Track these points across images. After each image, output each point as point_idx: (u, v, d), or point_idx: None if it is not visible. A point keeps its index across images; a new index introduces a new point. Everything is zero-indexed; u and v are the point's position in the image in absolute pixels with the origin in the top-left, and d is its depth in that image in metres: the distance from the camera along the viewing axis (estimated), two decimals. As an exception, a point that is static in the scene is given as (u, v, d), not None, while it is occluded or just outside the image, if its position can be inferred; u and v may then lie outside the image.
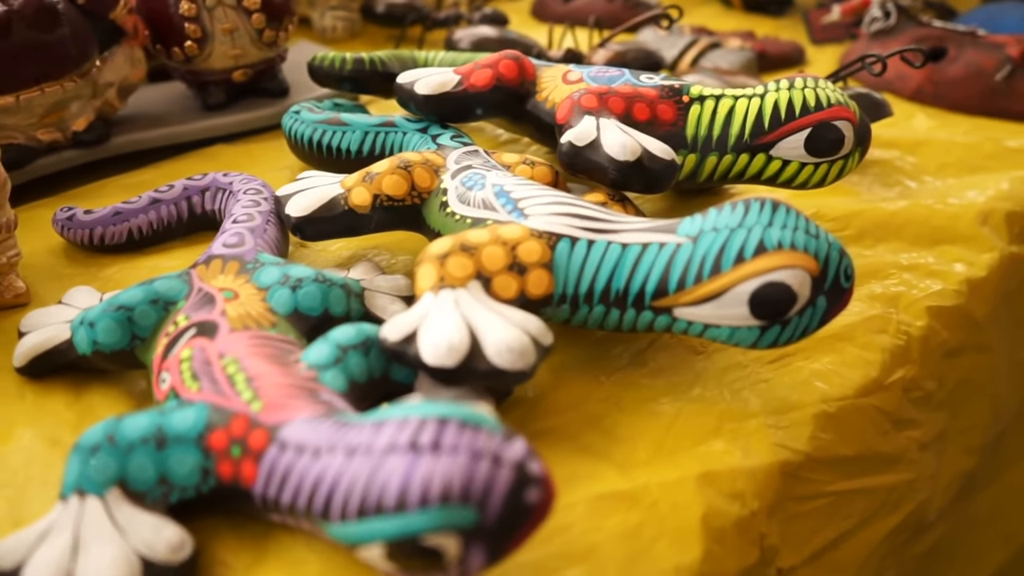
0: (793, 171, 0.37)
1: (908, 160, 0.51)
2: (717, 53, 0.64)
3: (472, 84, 0.41)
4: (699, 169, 0.38)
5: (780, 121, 0.37)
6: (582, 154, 0.34)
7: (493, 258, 0.29)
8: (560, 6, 0.75)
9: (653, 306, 0.29)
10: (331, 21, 0.73)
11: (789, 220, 0.28)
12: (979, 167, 0.51)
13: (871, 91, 0.49)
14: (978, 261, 0.42)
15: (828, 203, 0.44)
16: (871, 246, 0.42)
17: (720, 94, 0.38)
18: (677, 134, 0.38)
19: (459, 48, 0.60)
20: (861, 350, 0.34)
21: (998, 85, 0.59)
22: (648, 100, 0.38)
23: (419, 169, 0.35)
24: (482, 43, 0.60)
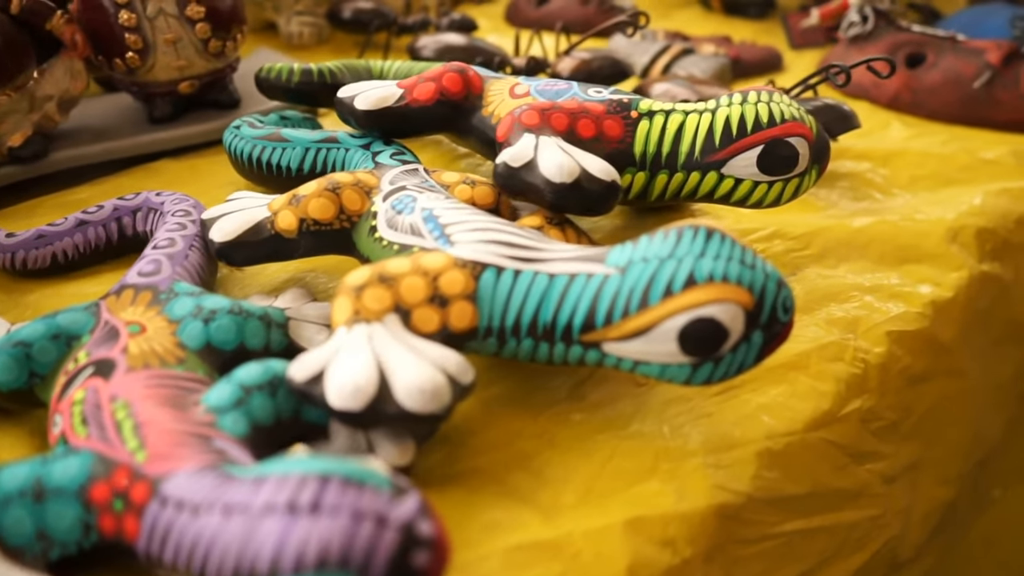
0: (746, 190, 0.36)
1: (880, 172, 0.50)
2: (690, 60, 0.63)
3: (415, 98, 0.40)
4: (649, 188, 0.37)
5: (731, 138, 0.35)
6: (517, 175, 0.33)
7: (413, 290, 0.28)
8: (533, 10, 0.74)
9: (582, 340, 0.27)
10: (297, 27, 0.71)
11: (723, 250, 0.26)
12: (953, 180, 0.49)
13: (840, 102, 0.47)
14: (945, 281, 0.40)
15: (790, 220, 0.43)
16: (833, 266, 0.40)
17: (670, 109, 0.37)
18: (625, 151, 0.36)
19: (422, 56, 0.59)
20: (814, 380, 0.33)
21: (977, 92, 0.57)
22: (594, 116, 0.36)
23: (349, 191, 0.34)
24: (446, 51, 0.59)
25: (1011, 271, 0.44)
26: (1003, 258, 0.44)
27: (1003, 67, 0.57)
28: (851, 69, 0.45)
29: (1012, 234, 0.45)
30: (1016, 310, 0.45)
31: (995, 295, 0.43)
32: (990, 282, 0.42)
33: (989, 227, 0.45)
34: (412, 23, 0.68)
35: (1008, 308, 0.44)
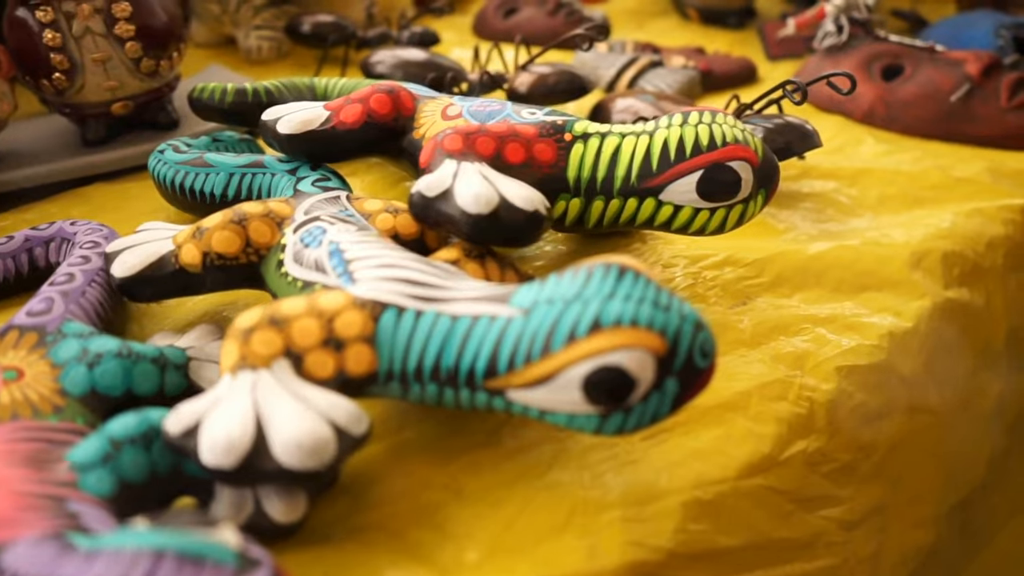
0: (687, 217, 0.34)
1: (846, 192, 0.48)
2: (657, 73, 0.61)
3: (341, 121, 0.38)
4: (585, 215, 0.36)
5: (669, 162, 0.34)
6: (432, 206, 0.31)
7: (305, 333, 0.26)
8: (500, 22, 0.73)
9: (486, 387, 0.26)
10: (256, 41, 0.70)
11: (635, 290, 0.25)
12: (923, 199, 0.48)
13: (802, 120, 0.46)
14: (906, 310, 0.39)
15: (745, 245, 0.41)
16: (786, 295, 0.39)
17: (606, 131, 0.36)
18: (557, 176, 0.35)
19: (376, 73, 0.58)
20: (752, 422, 0.31)
21: (954, 107, 0.56)
22: (524, 139, 0.35)
23: (257, 222, 0.33)
24: (402, 66, 0.58)
25: (982, 296, 0.43)
26: (973, 283, 0.42)
27: (982, 80, 0.56)
28: (808, 86, 0.44)
29: (983, 257, 0.44)
30: (991, 337, 0.43)
31: (965, 323, 0.41)
32: (957, 310, 0.41)
33: (957, 250, 0.43)
34: (372, 37, 0.66)
35: (981, 335, 0.42)
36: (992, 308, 0.43)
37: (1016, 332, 0.45)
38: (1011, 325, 0.44)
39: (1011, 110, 0.55)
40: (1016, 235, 0.46)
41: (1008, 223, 0.46)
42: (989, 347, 0.43)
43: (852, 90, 0.43)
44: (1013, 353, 0.44)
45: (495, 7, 0.74)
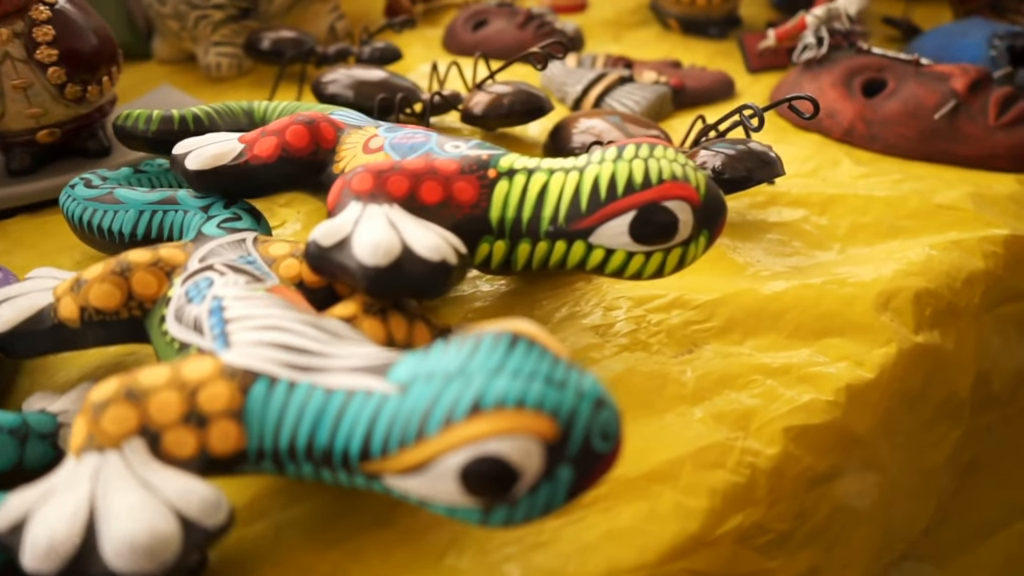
0: (620, 262, 0.31)
1: (815, 222, 0.45)
2: (626, 89, 0.58)
3: (255, 155, 0.36)
4: (511, 258, 0.33)
5: (599, 202, 0.31)
6: (327, 257, 0.29)
7: (165, 407, 0.24)
8: (469, 35, 0.70)
9: (362, 471, 0.23)
10: (215, 58, 0.68)
11: (527, 364, 0.22)
12: (898, 229, 0.45)
13: (765, 147, 0.42)
14: (869, 359, 0.35)
15: (697, 284, 0.38)
16: (737, 341, 0.36)
17: (534, 167, 0.33)
18: (479, 217, 0.32)
19: (326, 93, 0.55)
20: (682, 495, 0.28)
21: (939, 125, 0.52)
22: (443, 177, 0.32)
23: (142, 273, 0.30)
24: (355, 86, 0.55)
25: (952, 339, 0.39)
26: (945, 324, 0.39)
27: (969, 95, 0.52)
28: (765, 112, 0.41)
29: (958, 296, 0.40)
30: (957, 384, 0.40)
31: (930, 370, 0.38)
32: (925, 356, 0.37)
33: (931, 288, 0.40)
34: (332, 53, 0.64)
35: (946, 383, 0.39)
36: (963, 352, 0.40)
37: (984, 376, 0.41)
38: (980, 369, 0.41)
39: (999, 128, 0.51)
40: (996, 270, 0.43)
41: (988, 256, 0.43)
42: (954, 396, 0.39)
43: (815, 114, 0.40)
44: (977, 397, 0.41)
45: (464, 20, 0.71)
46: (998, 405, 0.44)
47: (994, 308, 0.43)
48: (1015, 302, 0.45)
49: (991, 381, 0.43)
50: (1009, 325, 0.44)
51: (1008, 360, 0.45)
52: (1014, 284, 0.44)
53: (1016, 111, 0.52)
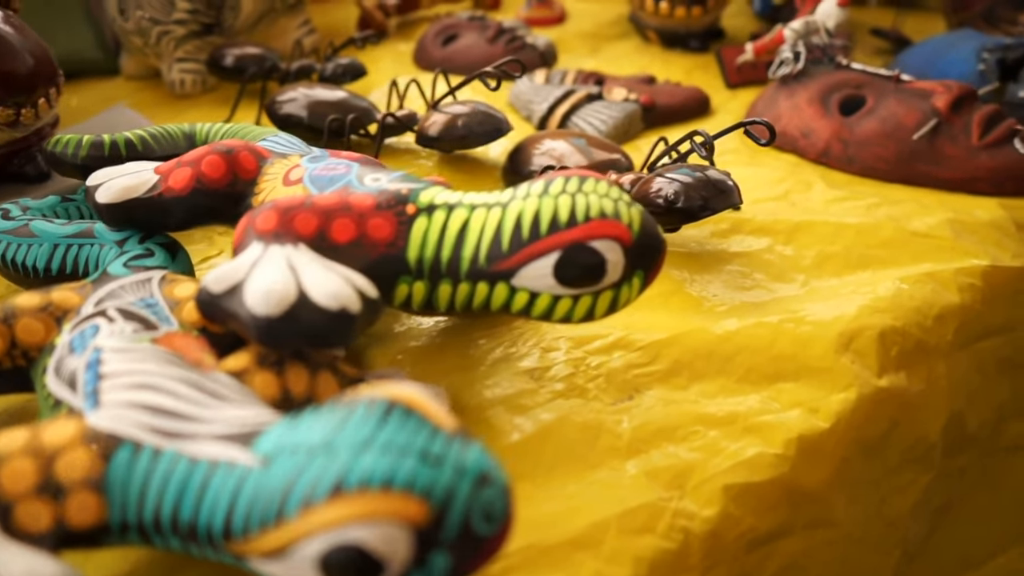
0: (545, 305, 0.29)
1: (780, 251, 0.43)
2: (594, 107, 0.56)
3: (169, 187, 0.34)
4: (433, 299, 0.31)
5: (522, 241, 0.29)
6: (218, 304, 0.27)
7: (17, 477, 0.22)
8: (439, 50, 0.68)
9: (228, 549, 0.21)
10: (178, 75, 0.66)
11: (400, 436, 0.20)
12: (868, 260, 0.42)
13: (722, 175, 0.40)
14: (825, 405, 0.33)
15: (643, 323, 0.36)
16: (682, 387, 0.33)
17: (456, 202, 0.30)
18: (396, 257, 0.30)
19: (280, 114, 0.53)
20: (605, 564, 0.26)
21: (918, 145, 0.50)
22: (357, 214, 0.30)
23: (27, 320, 0.28)
24: (309, 106, 0.53)
25: (922, 380, 0.37)
26: (913, 365, 0.37)
27: (951, 114, 0.50)
28: (715, 139, 0.38)
29: (929, 334, 0.38)
30: (926, 428, 0.37)
31: (896, 415, 0.35)
32: (890, 400, 0.35)
33: (898, 326, 0.37)
34: (295, 69, 0.62)
35: (914, 427, 0.36)
36: (933, 394, 0.37)
37: (957, 417, 0.39)
38: (953, 411, 0.38)
39: (982, 150, 0.49)
40: (972, 304, 0.40)
41: (964, 290, 0.40)
42: (922, 440, 0.37)
43: (771, 141, 0.38)
44: (950, 439, 0.39)
45: (433, 35, 0.69)
46: (974, 445, 0.42)
47: (970, 344, 0.41)
48: (994, 337, 0.42)
49: (965, 422, 0.40)
50: (988, 362, 0.42)
51: (986, 398, 0.42)
52: (993, 318, 0.42)
53: (1000, 131, 0.49)
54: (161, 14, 0.64)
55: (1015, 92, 0.58)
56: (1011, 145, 0.49)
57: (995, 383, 0.42)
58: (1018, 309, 0.43)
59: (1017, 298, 0.43)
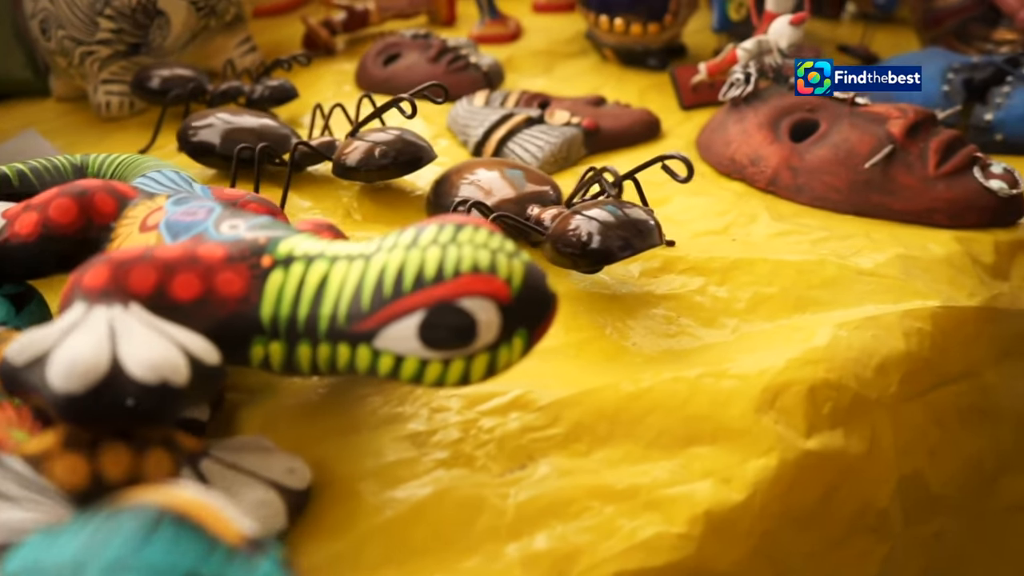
0: (413, 370, 0.26)
1: (712, 292, 0.40)
2: (532, 132, 0.53)
3: (15, 232, 0.31)
4: (294, 362, 0.28)
5: (383, 299, 0.26)
6: (19, 378, 0.24)
7: None
8: (380, 70, 0.65)
9: None
10: (104, 97, 0.63)
11: (167, 556, 0.17)
12: (807, 302, 0.39)
13: (643, 214, 0.37)
14: (740, 474, 0.30)
15: (548, 377, 0.33)
16: (582, 454, 0.30)
17: (317, 254, 0.28)
18: (248, 315, 0.27)
19: (192, 141, 0.50)
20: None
21: (872, 174, 0.47)
22: (204, 267, 0.27)
23: None
24: (226, 133, 0.50)
25: (862, 439, 0.34)
26: (851, 422, 0.34)
27: (907, 140, 0.47)
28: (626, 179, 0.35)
29: (868, 386, 0.35)
30: (872, 493, 0.34)
31: (832, 480, 0.32)
32: (822, 464, 0.32)
33: (832, 379, 0.34)
34: (220, 92, 0.59)
35: (857, 492, 0.33)
36: (878, 454, 0.34)
37: (915, 477, 0.36)
38: (904, 472, 0.35)
39: (940, 179, 0.46)
40: (920, 350, 0.37)
41: (911, 335, 0.37)
42: (869, 506, 0.34)
43: (689, 178, 0.35)
44: (911, 503, 0.35)
45: (375, 54, 0.66)
46: (947, 508, 0.38)
47: (923, 395, 0.37)
48: (952, 385, 0.39)
49: (927, 482, 0.37)
50: (948, 413, 0.39)
51: (952, 453, 0.39)
52: (948, 365, 0.39)
53: (958, 159, 0.46)
54: (83, 34, 0.62)
55: (981, 115, 0.55)
56: (970, 174, 0.46)
57: (961, 435, 0.39)
58: (978, 351, 0.40)
59: (977, 340, 0.40)
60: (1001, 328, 0.41)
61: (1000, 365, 0.41)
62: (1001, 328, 0.41)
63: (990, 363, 0.41)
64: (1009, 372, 0.41)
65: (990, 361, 0.41)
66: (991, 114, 0.55)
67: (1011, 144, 0.54)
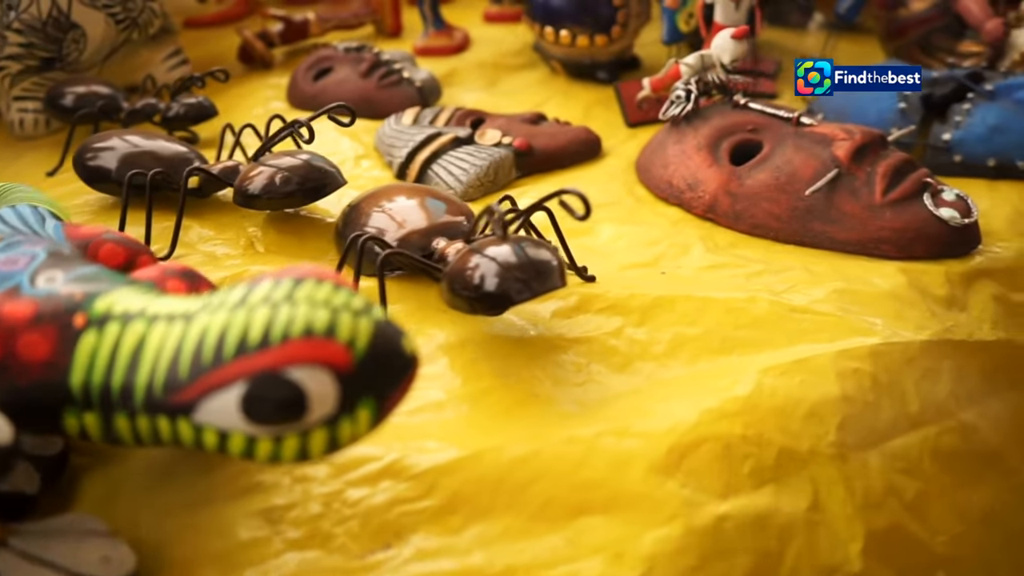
0: (241, 446, 0.23)
1: (630, 334, 0.37)
2: (458, 153, 0.50)
3: None
4: (113, 433, 0.25)
5: (201, 367, 0.23)
6: None
7: None
8: (310, 86, 0.62)
9: None
10: (16, 114, 0.60)
11: None
12: (733, 343, 0.36)
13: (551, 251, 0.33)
14: (635, 548, 0.27)
15: (432, 434, 0.30)
16: (454, 530, 0.27)
17: (136, 312, 0.24)
18: (56, 383, 0.24)
19: (89, 166, 0.47)
20: None
21: (815, 201, 0.44)
22: (5, 328, 0.24)
23: None
24: (125, 157, 0.47)
25: (802, 497, 0.30)
26: (784, 478, 0.30)
27: (853, 165, 0.44)
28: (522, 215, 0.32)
29: (797, 438, 0.32)
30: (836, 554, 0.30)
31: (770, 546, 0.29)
32: (749, 529, 0.29)
33: (752, 433, 0.31)
34: (131, 111, 0.56)
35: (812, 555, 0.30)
36: (829, 511, 0.31)
37: (896, 534, 0.32)
38: (875, 528, 0.31)
39: (887, 206, 0.43)
40: (859, 394, 0.34)
41: (846, 377, 0.34)
42: (837, 570, 0.30)
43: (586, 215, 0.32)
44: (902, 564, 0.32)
45: (306, 68, 0.63)
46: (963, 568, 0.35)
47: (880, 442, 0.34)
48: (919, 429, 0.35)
49: (918, 539, 0.33)
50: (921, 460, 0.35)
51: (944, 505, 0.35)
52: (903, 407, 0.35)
53: (908, 184, 0.43)
54: (-10, 49, 0.59)
55: (939, 135, 0.52)
56: (919, 201, 0.43)
57: (951, 485, 0.35)
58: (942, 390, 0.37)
59: (937, 378, 0.37)
60: (969, 363, 0.38)
61: (982, 403, 0.38)
62: (969, 363, 0.38)
63: (964, 402, 0.37)
64: (995, 410, 0.38)
65: (963, 400, 0.37)
66: (949, 133, 0.52)
67: (970, 166, 0.51)
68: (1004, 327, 0.39)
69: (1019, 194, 0.49)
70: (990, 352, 0.38)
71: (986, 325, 0.39)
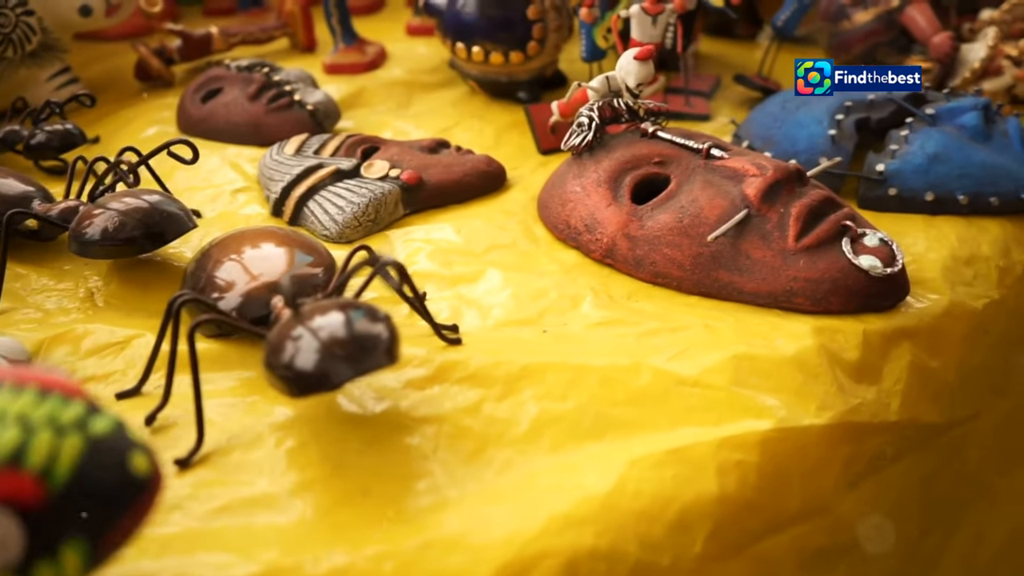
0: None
1: (489, 411, 0.32)
2: (338, 188, 0.46)
3: None
4: None
5: None
6: None
7: None
8: (197, 108, 0.57)
9: None
10: None
11: None
12: (606, 424, 0.32)
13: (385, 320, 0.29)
14: None
15: (223, 548, 0.25)
16: None
17: None
18: None
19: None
20: None
21: (721, 246, 0.39)
22: None
23: None
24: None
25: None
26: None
27: (764, 205, 0.39)
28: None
29: (658, 550, 0.27)
30: None
31: None
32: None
33: (604, 545, 0.27)
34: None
35: None
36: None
37: None
38: None
39: (801, 253, 0.39)
40: (739, 492, 0.30)
41: (728, 471, 0.30)
42: None
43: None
44: None
45: (194, 90, 0.59)
46: None
47: (748, 547, 0.30)
48: (790, 528, 0.31)
49: None
50: (784, 563, 0.31)
51: None
52: (781, 503, 0.31)
53: (824, 228, 0.39)
54: None
55: (873, 164, 0.48)
56: (837, 247, 0.38)
57: None
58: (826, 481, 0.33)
59: (826, 467, 0.33)
60: (861, 448, 0.34)
61: (856, 491, 0.34)
62: (861, 448, 0.34)
63: (843, 492, 0.33)
64: (866, 498, 0.34)
65: (843, 489, 0.33)
66: (884, 163, 0.47)
67: (906, 200, 0.47)
68: (913, 402, 0.35)
69: (958, 234, 0.45)
70: (890, 434, 0.34)
71: (895, 402, 0.34)
